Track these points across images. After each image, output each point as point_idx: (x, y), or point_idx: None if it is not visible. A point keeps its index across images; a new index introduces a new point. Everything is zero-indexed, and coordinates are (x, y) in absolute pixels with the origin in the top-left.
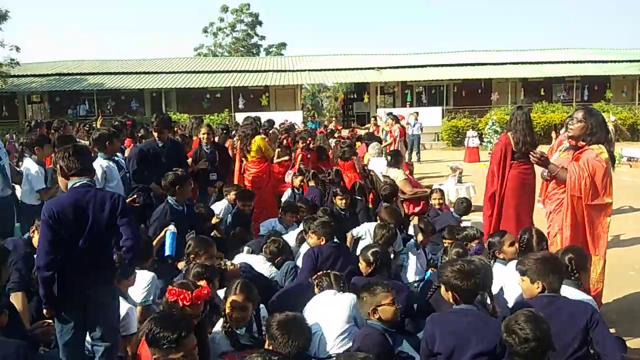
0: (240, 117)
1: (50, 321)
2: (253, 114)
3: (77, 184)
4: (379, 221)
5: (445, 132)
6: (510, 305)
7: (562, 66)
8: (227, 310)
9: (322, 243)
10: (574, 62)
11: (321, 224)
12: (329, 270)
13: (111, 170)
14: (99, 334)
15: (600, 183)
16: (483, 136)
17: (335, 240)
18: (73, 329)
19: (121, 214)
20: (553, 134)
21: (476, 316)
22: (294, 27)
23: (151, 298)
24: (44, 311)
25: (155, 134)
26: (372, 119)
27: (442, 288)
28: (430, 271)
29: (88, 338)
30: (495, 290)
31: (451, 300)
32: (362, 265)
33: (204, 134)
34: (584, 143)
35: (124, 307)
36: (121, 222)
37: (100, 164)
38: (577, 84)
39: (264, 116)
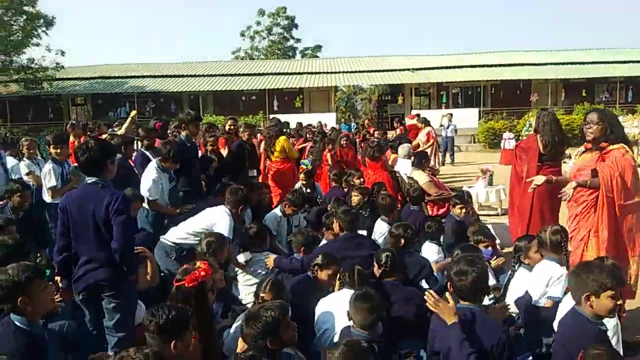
0: None
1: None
2: (287, 116)
3: (90, 181)
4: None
5: (482, 134)
6: None
7: (605, 66)
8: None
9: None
10: (617, 62)
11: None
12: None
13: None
14: (111, 323)
15: (631, 182)
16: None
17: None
18: (89, 320)
19: (115, 213)
20: None
21: (475, 315)
22: (329, 29)
23: None
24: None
25: (186, 131)
26: (396, 122)
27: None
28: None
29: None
30: (519, 294)
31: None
32: (375, 266)
33: (244, 131)
34: (606, 143)
35: None
36: (114, 221)
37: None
38: (620, 85)
39: (297, 118)
